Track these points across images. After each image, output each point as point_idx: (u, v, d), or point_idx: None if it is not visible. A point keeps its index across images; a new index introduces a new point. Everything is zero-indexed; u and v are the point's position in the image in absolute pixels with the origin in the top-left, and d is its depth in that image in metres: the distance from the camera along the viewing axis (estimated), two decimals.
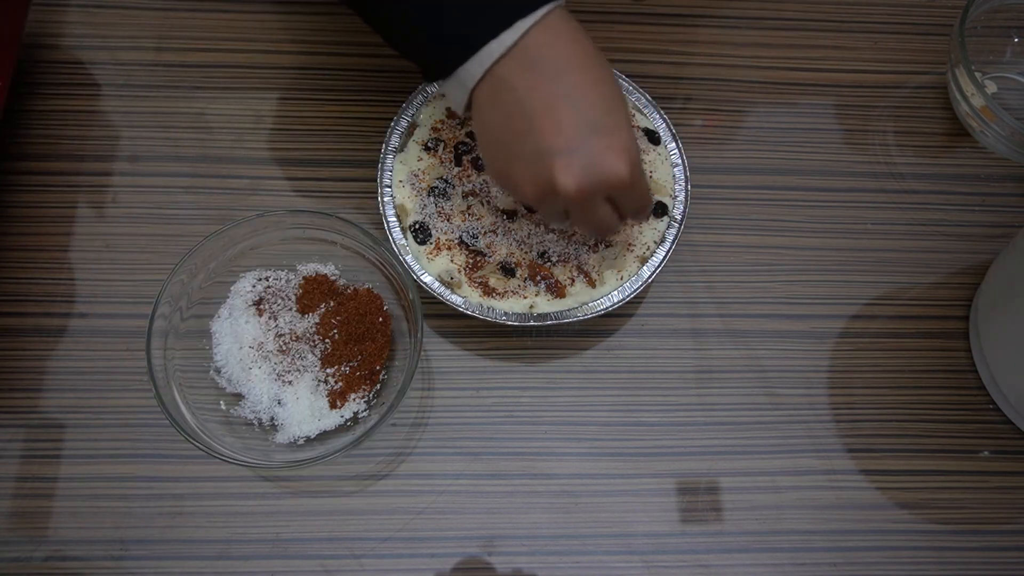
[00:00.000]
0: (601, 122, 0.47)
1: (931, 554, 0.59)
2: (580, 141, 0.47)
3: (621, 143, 0.47)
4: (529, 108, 0.47)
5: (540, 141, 0.47)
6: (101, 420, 0.59)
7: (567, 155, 0.47)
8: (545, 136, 0.47)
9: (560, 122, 0.47)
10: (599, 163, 0.47)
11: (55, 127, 0.67)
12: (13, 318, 0.62)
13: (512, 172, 0.50)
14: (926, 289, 0.67)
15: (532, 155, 0.48)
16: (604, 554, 0.58)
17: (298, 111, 0.68)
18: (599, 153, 0.47)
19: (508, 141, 0.49)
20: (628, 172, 0.47)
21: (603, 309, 0.59)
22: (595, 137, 0.47)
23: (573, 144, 0.47)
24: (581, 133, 0.47)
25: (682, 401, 0.62)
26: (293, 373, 0.58)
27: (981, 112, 0.66)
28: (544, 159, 0.47)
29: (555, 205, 0.50)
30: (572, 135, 0.47)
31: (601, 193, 0.49)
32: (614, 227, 0.53)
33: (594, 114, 0.47)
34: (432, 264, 0.60)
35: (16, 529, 0.57)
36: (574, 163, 0.47)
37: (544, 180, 0.48)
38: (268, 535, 0.58)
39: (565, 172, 0.47)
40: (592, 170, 0.47)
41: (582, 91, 0.47)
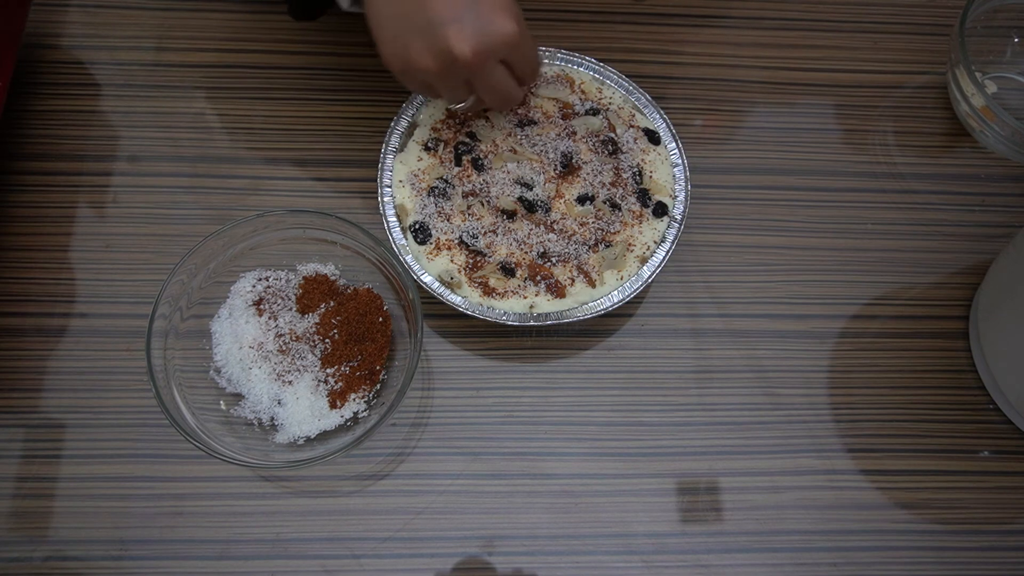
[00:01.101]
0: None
1: (931, 554, 0.59)
2: (466, 7, 0.50)
3: (503, 2, 0.51)
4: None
5: (431, 13, 0.50)
6: (101, 420, 0.59)
7: (458, 22, 0.50)
8: (434, 8, 0.50)
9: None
10: (488, 24, 0.50)
11: (55, 127, 0.67)
12: (13, 318, 0.62)
13: (409, 50, 0.52)
14: (926, 289, 0.67)
15: (426, 29, 0.50)
16: (604, 554, 0.58)
17: (298, 111, 0.68)
18: (486, 15, 0.50)
19: (399, 20, 0.52)
20: (516, 27, 0.51)
21: (603, 309, 0.59)
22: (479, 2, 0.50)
23: (460, 11, 0.50)
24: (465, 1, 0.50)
25: (682, 401, 0.62)
26: (293, 373, 0.58)
27: (981, 112, 0.66)
28: (437, 30, 0.50)
29: (456, 76, 0.53)
30: (458, 3, 0.50)
31: (496, 54, 0.52)
32: (514, 93, 0.56)
33: None
34: (432, 264, 0.60)
35: (16, 529, 0.57)
36: (466, 28, 0.50)
37: (441, 50, 0.50)
38: (268, 535, 0.58)
39: (459, 38, 0.50)
40: (484, 31, 0.50)
41: None
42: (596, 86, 0.66)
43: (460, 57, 0.50)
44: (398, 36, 0.52)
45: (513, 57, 0.54)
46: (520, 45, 0.52)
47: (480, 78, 0.53)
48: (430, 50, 0.51)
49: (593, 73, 0.66)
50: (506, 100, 0.57)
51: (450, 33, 0.50)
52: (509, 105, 0.58)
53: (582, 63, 0.66)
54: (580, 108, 0.64)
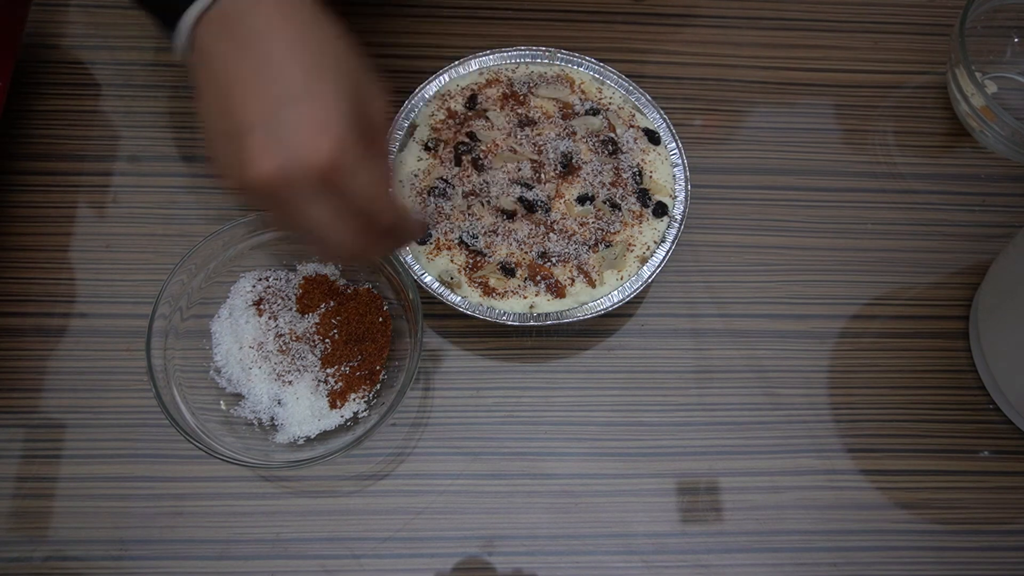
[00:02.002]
0: (302, 91, 0.38)
1: (931, 554, 0.59)
2: (273, 116, 0.38)
3: (323, 114, 0.38)
4: (225, 79, 0.39)
5: (231, 118, 0.39)
6: (101, 420, 0.59)
7: (262, 131, 0.38)
8: (235, 111, 0.38)
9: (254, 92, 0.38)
10: (294, 141, 0.38)
11: (55, 127, 0.67)
12: (13, 318, 0.62)
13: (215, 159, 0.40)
14: (926, 289, 0.67)
15: (225, 136, 0.39)
16: (604, 554, 0.58)
17: None
18: (295, 128, 0.38)
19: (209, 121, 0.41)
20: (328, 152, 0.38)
21: (603, 309, 0.59)
22: (292, 107, 0.38)
23: (264, 121, 0.38)
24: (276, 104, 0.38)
25: (682, 401, 0.62)
26: (293, 373, 0.58)
27: (981, 112, 0.66)
28: (235, 139, 0.38)
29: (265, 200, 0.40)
30: (264, 107, 0.38)
31: (305, 179, 0.38)
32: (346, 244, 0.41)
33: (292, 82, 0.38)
34: (432, 264, 0.60)
35: (16, 529, 0.57)
36: (266, 143, 0.38)
37: (238, 165, 0.38)
38: (268, 535, 0.58)
39: (258, 153, 0.38)
40: (287, 151, 0.38)
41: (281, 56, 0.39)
42: (596, 86, 0.66)
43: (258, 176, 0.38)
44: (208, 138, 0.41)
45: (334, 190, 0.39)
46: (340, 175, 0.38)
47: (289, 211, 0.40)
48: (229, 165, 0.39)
49: (593, 73, 0.66)
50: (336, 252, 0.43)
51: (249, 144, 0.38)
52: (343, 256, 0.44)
53: (582, 63, 0.66)
54: (580, 108, 0.64)
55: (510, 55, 0.66)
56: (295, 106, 0.38)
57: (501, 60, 0.66)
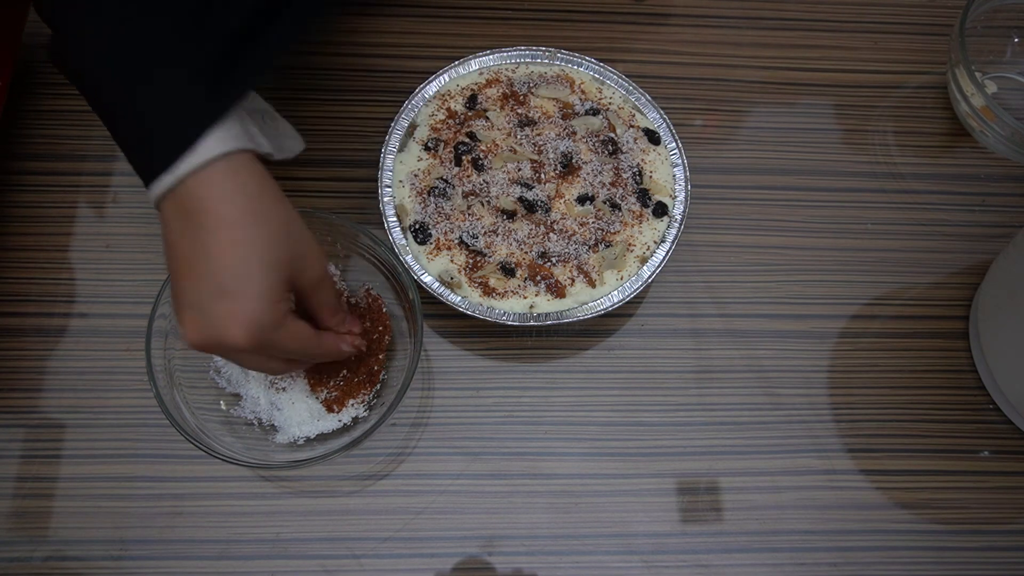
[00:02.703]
0: (229, 288, 0.46)
1: (931, 554, 0.59)
2: (205, 302, 0.46)
3: (244, 312, 0.46)
4: (174, 256, 0.47)
5: (176, 291, 0.48)
6: (101, 420, 0.59)
7: (194, 311, 0.47)
8: (177, 288, 0.47)
9: (191, 277, 0.47)
10: (217, 327, 0.46)
11: (55, 127, 0.67)
12: (13, 318, 0.62)
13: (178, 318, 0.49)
14: (926, 289, 0.67)
15: (173, 299, 0.49)
16: (604, 554, 0.58)
17: (298, 111, 0.68)
18: (220, 318, 0.46)
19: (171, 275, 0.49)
20: (245, 340, 0.46)
21: (603, 309, 0.59)
22: (219, 301, 0.46)
23: (198, 304, 0.46)
24: (207, 295, 0.46)
25: (682, 401, 0.62)
26: (286, 380, 0.58)
27: (981, 112, 0.66)
28: (177, 311, 0.48)
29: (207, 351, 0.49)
30: (198, 296, 0.46)
31: (230, 353, 0.49)
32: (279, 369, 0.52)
33: (224, 278, 0.46)
34: (432, 264, 0.60)
35: (16, 529, 0.57)
36: (197, 321, 0.47)
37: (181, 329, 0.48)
38: (268, 535, 0.58)
39: (190, 326, 0.47)
40: (211, 332, 0.46)
41: (219, 251, 0.46)
42: (596, 86, 0.66)
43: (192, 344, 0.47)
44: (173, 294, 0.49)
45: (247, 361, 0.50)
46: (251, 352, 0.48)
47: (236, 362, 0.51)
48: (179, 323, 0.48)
49: (593, 73, 0.66)
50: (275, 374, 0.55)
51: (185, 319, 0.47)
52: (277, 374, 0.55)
53: (582, 63, 0.66)
54: (580, 108, 0.64)
55: (510, 55, 0.66)
56: (220, 302, 0.46)
57: (501, 60, 0.66)
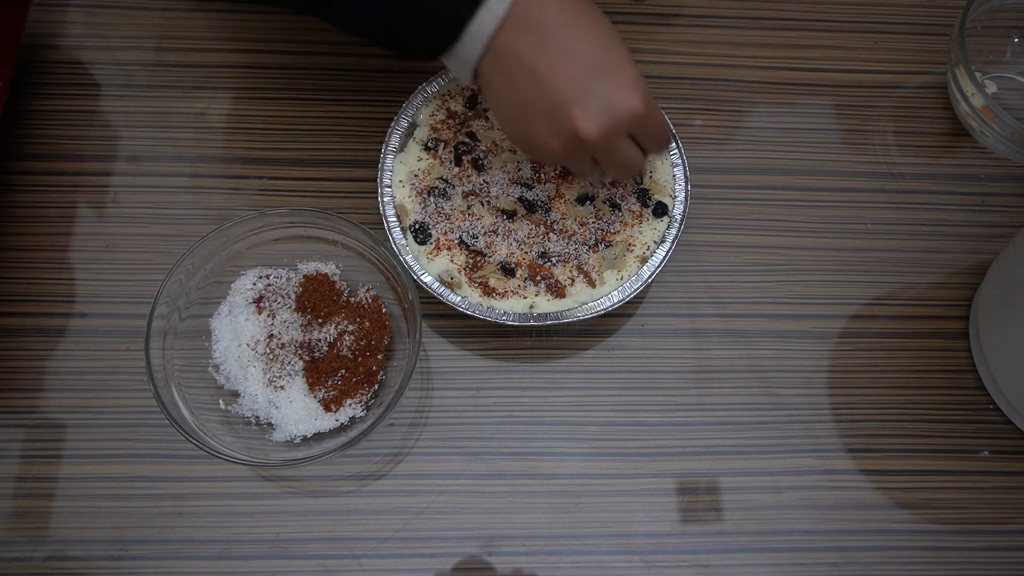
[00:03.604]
0: (605, 63, 0.49)
1: (931, 554, 0.59)
2: (590, 86, 0.49)
3: (629, 78, 0.49)
4: (535, 68, 0.49)
5: (553, 96, 0.49)
6: (101, 420, 0.59)
7: (582, 102, 0.49)
8: (556, 90, 0.49)
9: (567, 73, 0.49)
10: (613, 101, 0.49)
11: (55, 127, 0.67)
12: (13, 318, 0.62)
13: (534, 134, 0.51)
14: (926, 289, 0.67)
15: (549, 112, 0.50)
16: (604, 554, 0.58)
17: (298, 111, 0.68)
18: (611, 92, 0.49)
19: (522, 106, 0.51)
20: (642, 103, 0.49)
21: (603, 309, 0.59)
22: (603, 79, 0.49)
23: (584, 90, 0.49)
24: (589, 78, 0.49)
25: (682, 401, 0.62)
26: (284, 378, 0.58)
27: (981, 112, 0.66)
28: (561, 112, 0.49)
29: (582, 154, 0.52)
30: (581, 82, 0.49)
31: (622, 130, 0.51)
32: (639, 164, 0.54)
33: (596, 57, 0.49)
34: (432, 264, 0.60)
35: (16, 529, 0.57)
36: (590, 108, 0.48)
37: (567, 132, 0.50)
38: (268, 535, 0.58)
39: (584, 119, 0.49)
40: (609, 110, 0.49)
41: (580, 39, 0.49)
42: None
43: (586, 138, 0.49)
44: (521, 119, 0.52)
45: (640, 132, 0.52)
46: (647, 119, 0.51)
47: (606, 155, 0.52)
48: (555, 133, 0.50)
49: None
50: (631, 171, 0.55)
51: (575, 114, 0.49)
52: (633, 175, 0.56)
53: None
54: None
55: None
56: (605, 78, 0.49)
57: None
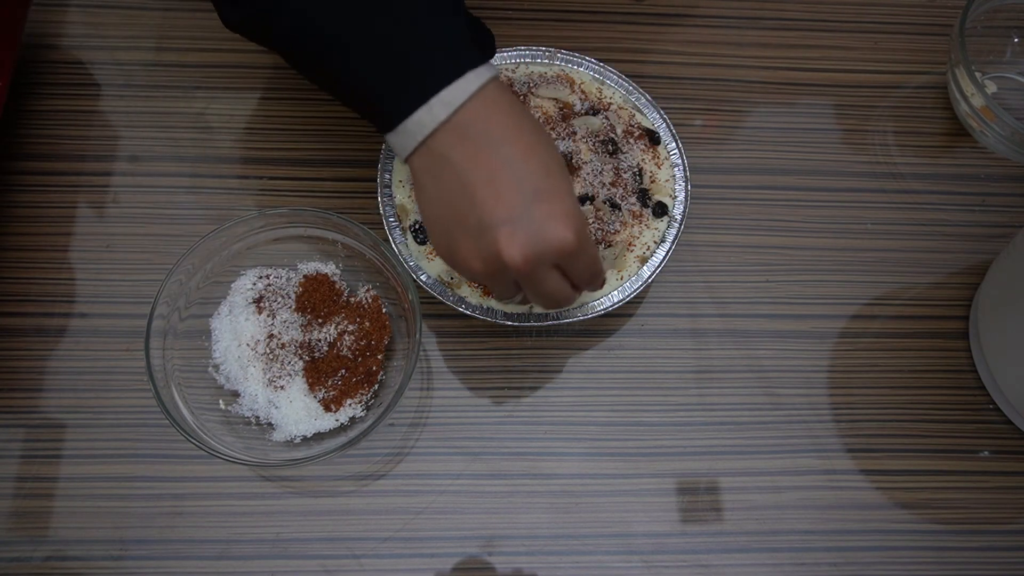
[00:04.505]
0: (542, 188, 0.46)
1: (931, 554, 0.59)
2: (522, 209, 0.45)
3: (563, 209, 0.46)
4: (468, 180, 0.46)
5: (482, 213, 0.46)
6: (101, 420, 0.59)
7: (510, 225, 0.45)
8: (486, 208, 0.46)
9: (500, 192, 0.46)
10: (543, 230, 0.46)
11: (55, 127, 0.67)
12: (13, 318, 0.62)
13: (458, 248, 0.48)
14: (926, 289, 0.67)
15: (475, 228, 0.46)
16: (604, 554, 0.58)
17: (298, 111, 0.68)
18: (542, 220, 0.46)
19: (450, 216, 0.48)
20: (573, 237, 0.46)
21: (603, 309, 0.59)
22: (537, 204, 0.46)
23: (515, 213, 0.45)
24: (523, 201, 0.46)
25: (682, 401, 0.62)
26: (284, 378, 0.58)
27: (981, 112, 0.66)
28: (488, 232, 0.46)
29: (505, 278, 0.49)
30: (514, 204, 0.45)
31: (548, 261, 0.47)
32: (568, 297, 0.51)
33: (534, 181, 0.46)
34: (432, 264, 0.60)
35: (16, 529, 0.57)
36: (518, 232, 0.45)
37: (490, 253, 0.46)
38: (268, 535, 0.58)
39: (510, 242, 0.45)
40: (537, 238, 0.46)
41: (520, 159, 0.46)
42: (596, 86, 0.66)
43: (510, 263, 0.46)
44: (447, 230, 0.48)
45: (569, 266, 0.49)
46: (576, 254, 0.47)
47: (529, 284, 0.48)
48: (479, 252, 0.47)
49: (593, 73, 0.66)
50: (556, 304, 0.51)
51: (500, 237, 0.45)
52: (561, 307, 0.53)
53: (582, 63, 0.66)
54: (580, 108, 0.64)
55: (510, 55, 0.66)
56: (540, 204, 0.46)
57: (501, 60, 0.66)
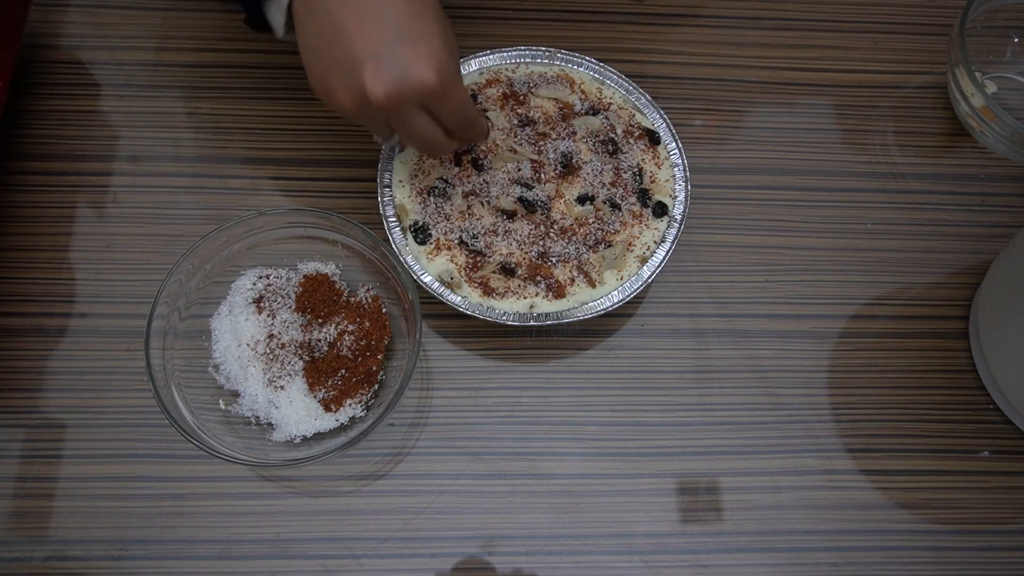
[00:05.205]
0: (409, 29, 0.48)
1: (931, 554, 0.59)
2: (387, 48, 0.47)
3: (428, 50, 0.48)
4: (338, 18, 0.48)
5: (349, 49, 0.48)
6: (101, 420, 0.59)
7: (375, 60, 0.47)
8: (353, 43, 0.48)
9: (367, 29, 0.48)
10: (406, 69, 0.47)
11: (55, 127, 0.67)
12: (13, 318, 0.62)
13: (328, 83, 0.50)
14: (926, 289, 0.67)
15: (343, 64, 0.48)
16: (604, 554, 0.58)
17: (298, 111, 0.68)
18: (405, 59, 0.47)
19: (323, 53, 0.50)
20: (436, 79, 0.48)
21: (603, 309, 0.59)
22: (401, 44, 0.47)
23: (380, 50, 0.47)
24: (388, 40, 0.47)
25: (682, 401, 0.62)
26: (284, 378, 0.58)
27: (981, 112, 0.66)
28: (355, 68, 0.48)
29: (374, 115, 0.50)
30: (378, 41, 0.47)
31: (412, 101, 0.49)
32: (439, 142, 0.52)
33: (400, 21, 0.48)
34: (432, 264, 0.60)
35: (16, 529, 0.57)
36: (381, 69, 0.47)
37: (356, 89, 0.48)
38: (268, 535, 0.58)
39: (373, 78, 0.47)
40: (398, 76, 0.47)
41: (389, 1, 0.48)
42: (596, 86, 0.66)
43: (373, 99, 0.48)
44: (320, 68, 0.50)
45: (436, 107, 0.50)
46: (442, 97, 0.49)
47: (396, 123, 0.51)
48: (346, 87, 0.49)
49: (593, 73, 0.66)
50: (430, 148, 0.53)
51: (366, 72, 0.47)
52: (436, 153, 0.54)
53: (582, 63, 0.66)
54: (580, 108, 0.64)
55: (510, 55, 0.66)
56: (405, 44, 0.47)
57: (501, 60, 0.66)
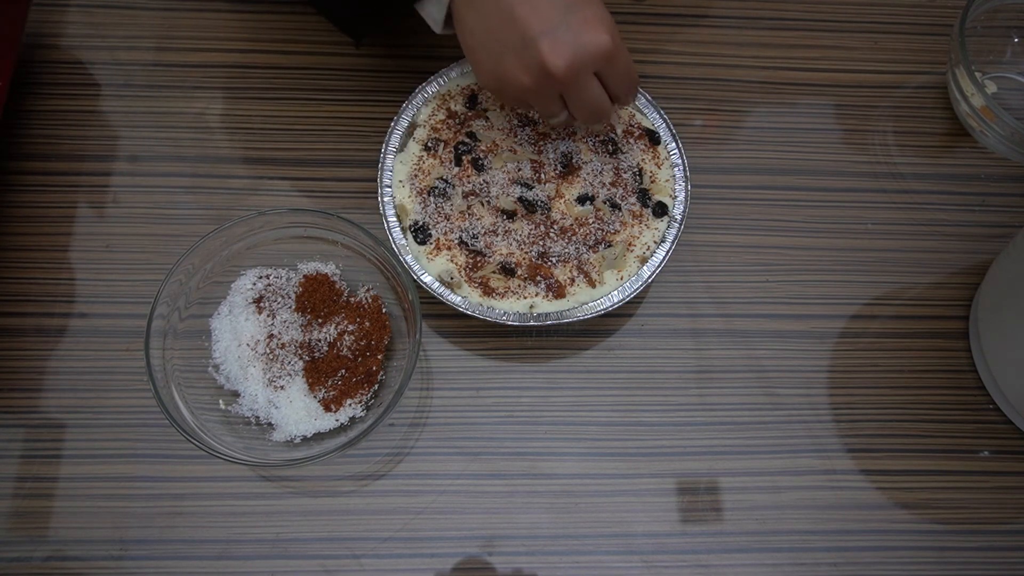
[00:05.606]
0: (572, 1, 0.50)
1: (931, 554, 0.59)
2: (559, 20, 0.50)
3: (597, 14, 0.51)
4: (505, 4, 0.50)
5: (524, 29, 0.50)
6: (101, 420, 0.59)
7: (551, 35, 0.50)
8: (527, 23, 0.50)
9: (537, 7, 0.50)
10: (582, 36, 0.50)
11: (55, 127, 0.67)
12: (13, 318, 0.62)
13: (503, 68, 0.52)
14: (926, 289, 0.67)
15: (518, 45, 0.51)
16: (604, 554, 0.58)
17: (298, 111, 0.68)
18: (578, 27, 0.50)
19: (492, 40, 0.52)
20: (609, 39, 0.51)
21: (603, 309, 0.59)
22: (571, 13, 0.50)
23: (553, 24, 0.50)
24: (558, 12, 0.50)
25: (682, 401, 0.62)
26: (284, 378, 0.58)
27: (981, 112, 0.66)
28: (530, 45, 0.50)
29: (551, 91, 0.53)
30: (550, 16, 0.50)
31: (589, 67, 0.52)
32: (606, 109, 0.55)
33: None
34: (432, 264, 0.60)
35: (16, 529, 0.57)
36: (559, 41, 0.50)
37: (536, 65, 0.51)
38: (268, 535, 0.58)
39: (552, 51, 0.50)
40: (577, 44, 0.50)
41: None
42: None
43: (554, 71, 0.50)
44: (492, 54, 0.53)
45: (607, 71, 0.53)
46: (615, 58, 0.52)
47: (573, 92, 0.53)
48: (524, 66, 0.51)
49: None
50: (597, 115, 0.56)
51: (543, 47, 0.50)
52: (599, 120, 0.57)
53: None
54: None
55: None
56: (575, 12, 0.50)
57: None
